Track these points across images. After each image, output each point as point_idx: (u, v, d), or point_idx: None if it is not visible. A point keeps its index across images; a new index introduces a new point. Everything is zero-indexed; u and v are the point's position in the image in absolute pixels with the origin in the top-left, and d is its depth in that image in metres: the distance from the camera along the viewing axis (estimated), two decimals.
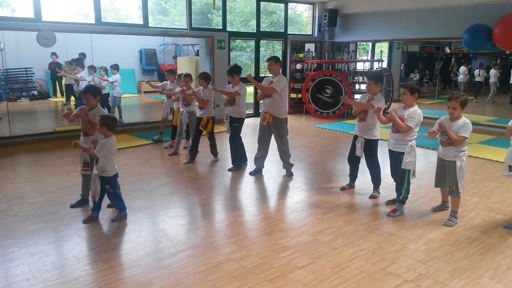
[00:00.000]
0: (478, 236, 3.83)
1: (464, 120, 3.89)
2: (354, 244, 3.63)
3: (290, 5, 11.22)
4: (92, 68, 8.78)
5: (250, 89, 12.22)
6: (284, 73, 11.32)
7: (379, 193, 4.84)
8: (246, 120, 9.96)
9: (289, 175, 5.67)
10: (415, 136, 4.19)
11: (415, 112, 4.10)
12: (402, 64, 12.76)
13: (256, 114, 10.88)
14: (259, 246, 3.59)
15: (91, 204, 4.24)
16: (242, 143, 6.07)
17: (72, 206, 4.41)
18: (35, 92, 11.08)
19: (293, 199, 4.80)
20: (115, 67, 8.76)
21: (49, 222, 4.03)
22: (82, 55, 9.19)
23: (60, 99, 11.00)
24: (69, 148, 7.07)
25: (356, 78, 11.56)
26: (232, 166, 5.91)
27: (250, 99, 12.41)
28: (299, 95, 11.24)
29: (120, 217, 4.11)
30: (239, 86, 5.68)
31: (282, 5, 11.06)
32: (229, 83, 5.84)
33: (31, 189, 4.99)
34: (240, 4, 15.12)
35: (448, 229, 3.96)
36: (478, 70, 11.85)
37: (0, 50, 9.29)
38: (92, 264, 3.26)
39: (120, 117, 9.01)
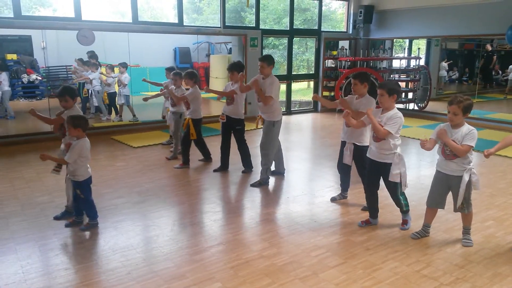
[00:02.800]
0: None
1: (469, 127, 3.35)
2: (388, 246, 3.55)
3: (324, 1, 11.09)
4: (111, 67, 8.95)
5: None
6: (317, 71, 11.23)
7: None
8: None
9: (255, 185, 5.08)
10: (400, 143, 3.72)
11: (396, 116, 3.62)
12: (446, 61, 12.32)
13: (288, 112, 10.83)
14: (290, 244, 3.58)
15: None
16: (247, 147, 5.67)
17: (56, 218, 4.10)
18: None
19: (324, 198, 4.75)
20: (124, 66, 8.67)
21: None
22: (91, 53, 9.19)
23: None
24: (106, 143, 7.31)
25: (392, 76, 11.30)
26: (244, 169, 5.66)
27: (281, 96, 12.36)
28: (332, 93, 11.10)
29: (91, 226, 3.84)
30: (238, 85, 5.25)
31: (316, 2, 10.95)
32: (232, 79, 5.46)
33: None
34: (274, 2, 15.09)
35: (488, 233, 3.81)
36: None
37: (42, 49, 9.69)
38: (127, 256, 3.34)
39: (134, 115, 8.90)
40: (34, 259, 3.29)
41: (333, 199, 4.65)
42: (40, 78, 10.90)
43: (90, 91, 9.06)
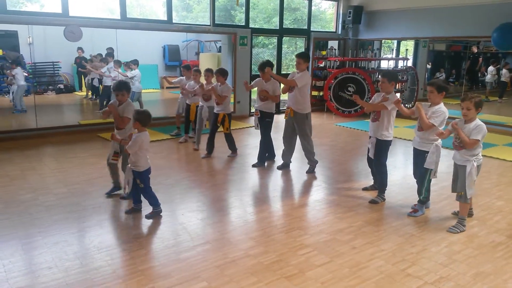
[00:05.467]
0: (503, 240, 3.72)
1: (477, 122, 3.71)
2: (374, 244, 3.58)
3: (314, 1, 11.12)
4: (118, 63, 8.94)
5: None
6: None
7: (384, 199, 4.61)
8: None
9: (310, 171, 5.62)
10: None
11: (440, 110, 3.98)
12: (430, 63, 12.46)
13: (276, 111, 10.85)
14: (277, 243, 3.58)
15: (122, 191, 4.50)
16: (271, 139, 6.10)
17: (108, 194, 4.59)
18: (61, 86, 11.35)
19: (312, 197, 4.77)
20: (135, 63, 8.84)
21: (72, 212, 4.12)
22: (111, 50, 9.47)
23: (85, 93, 11.24)
24: (93, 141, 7.23)
25: (379, 76, 11.37)
26: (257, 162, 5.91)
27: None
28: (321, 93, 11.14)
29: (154, 214, 4.06)
30: (270, 82, 5.68)
31: (306, 2, 10.98)
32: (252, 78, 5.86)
33: (56, 180, 5.11)
34: (264, 1, 15.09)
35: (471, 232, 3.86)
36: (500, 70, 11.51)
37: (29, 44, 9.55)
38: (112, 255, 3.31)
39: None
40: (17, 257, 3.23)
41: (365, 189, 4.93)
42: (26, 74, 10.73)
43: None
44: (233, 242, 3.59)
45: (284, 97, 6.31)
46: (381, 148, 4.53)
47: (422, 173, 4.16)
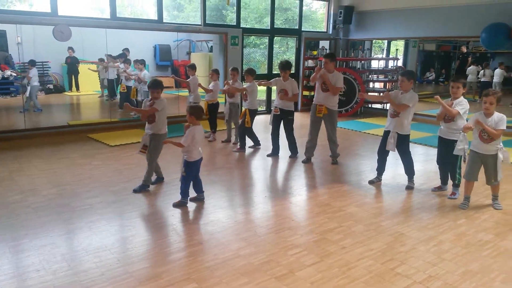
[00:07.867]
0: (490, 238, 3.76)
1: (498, 114, 4.14)
2: (363, 244, 3.60)
3: (305, 1, 11.14)
4: (136, 62, 9.17)
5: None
6: (297, 71, 11.29)
7: (414, 183, 5.09)
8: (259, 117, 9.98)
9: (334, 163, 6.12)
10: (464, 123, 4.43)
11: (463, 101, 4.50)
12: (417, 63, 12.56)
13: (268, 111, 10.86)
14: (267, 243, 3.59)
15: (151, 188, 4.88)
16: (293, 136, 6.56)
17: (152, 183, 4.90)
18: (51, 86, 11.24)
19: (302, 197, 4.78)
20: (142, 62, 9.10)
21: (61, 214, 4.09)
22: (126, 51, 9.74)
23: (75, 93, 11.16)
24: (82, 142, 7.17)
25: (370, 76, 11.43)
26: (291, 154, 6.48)
27: (262, 95, 12.35)
28: (312, 93, 11.16)
29: (180, 203, 4.36)
30: (288, 81, 6.08)
31: (297, 2, 10.99)
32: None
33: (45, 181, 5.06)
34: (255, 0, 15.08)
35: (460, 231, 3.90)
36: (483, 70, 11.58)
37: (17, 44, 9.46)
38: (101, 257, 3.29)
39: None
40: (3, 260, 3.19)
41: (370, 182, 5.24)
42: (15, 74, 10.61)
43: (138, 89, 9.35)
44: (223, 242, 3.59)
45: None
46: (405, 142, 4.94)
47: (454, 161, 4.60)
